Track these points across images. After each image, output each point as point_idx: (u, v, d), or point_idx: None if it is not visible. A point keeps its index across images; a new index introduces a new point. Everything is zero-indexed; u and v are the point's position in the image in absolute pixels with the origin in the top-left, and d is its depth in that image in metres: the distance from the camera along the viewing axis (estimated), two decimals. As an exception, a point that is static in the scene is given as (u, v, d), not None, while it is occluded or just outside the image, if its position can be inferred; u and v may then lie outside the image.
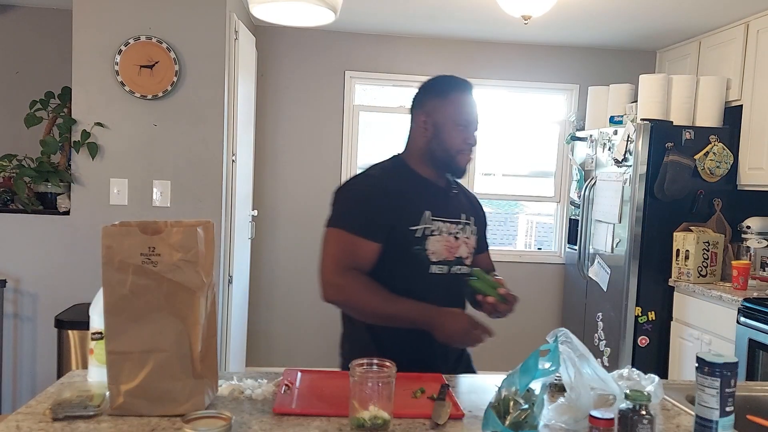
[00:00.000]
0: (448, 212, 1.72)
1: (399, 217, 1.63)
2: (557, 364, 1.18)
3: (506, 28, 4.04)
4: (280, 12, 2.10)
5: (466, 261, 1.74)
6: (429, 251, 1.65)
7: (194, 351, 1.23)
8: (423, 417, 1.28)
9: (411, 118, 1.77)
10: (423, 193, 1.71)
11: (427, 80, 1.77)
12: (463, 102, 1.71)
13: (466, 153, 1.71)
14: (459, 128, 1.69)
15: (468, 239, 1.76)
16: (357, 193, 1.68)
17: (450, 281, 1.71)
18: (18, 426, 1.17)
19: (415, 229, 1.64)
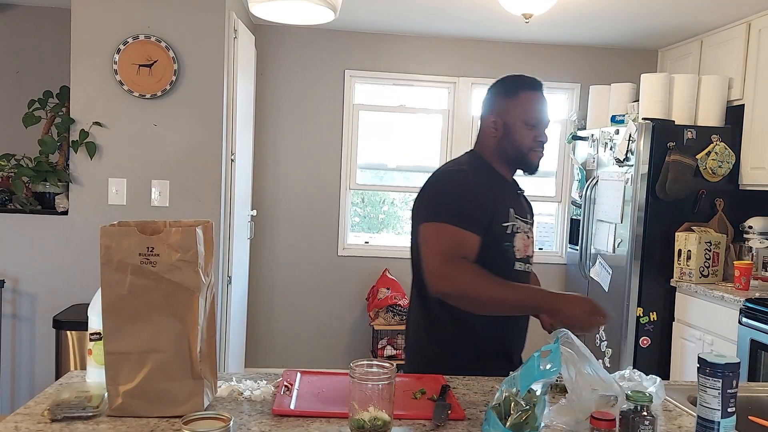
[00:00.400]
0: (522, 211, 1.77)
1: (494, 213, 1.67)
2: (558, 365, 1.17)
3: (507, 26, 4.03)
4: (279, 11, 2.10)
5: (532, 260, 1.79)
6: (515, 248, 1.70)
7: (193, 351, 1.23)
8: (423, 418, 1.27)
9: (481, 118, 1.79)
10: (505, 190, 1.77)
11: (495, 81, 1.80)
12: (532, 100, 1.72)
13: (538, 151, 1.74)
14: (529, 127, 1.71)
15: (535, 238, 1.82)
16: (456, 187, 1.69)
17: (525, 278, 1.75)
18: (16, 427, 1.16)
19: (507, 225, 1.68)
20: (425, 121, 4.52)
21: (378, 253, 4.46)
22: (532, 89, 1.74)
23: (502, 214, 1.68)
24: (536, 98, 1.73)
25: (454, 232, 1.59)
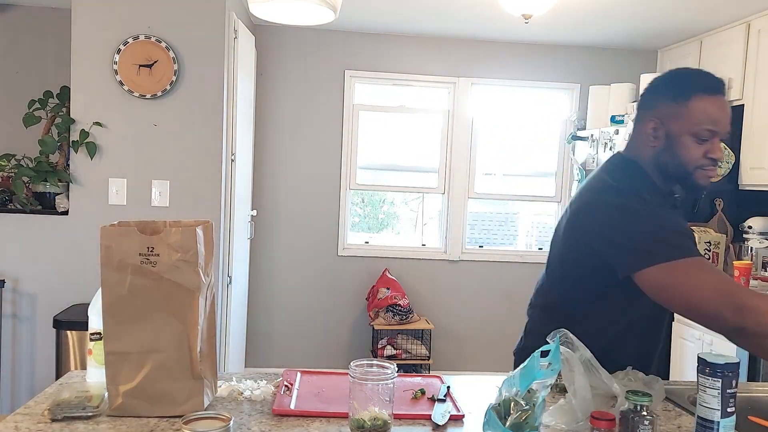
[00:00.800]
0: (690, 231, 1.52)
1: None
2: (558, 364, 1.18)
3: (507, 27, 4.03)
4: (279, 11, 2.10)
5: None
6: None
7: (193, 351, 1.23)
8: (423, 418, 1.27)
9: (637, 117, 1.50)
10: (677, 212, 1.51)
11: (661, 75, 1.46)
12: (708, 109, 1.38)
13: (708, 169, 1.42)
14: (700, 141, 1.39)
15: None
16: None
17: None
18: (16, 427, 1.16)
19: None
20: (425, 121, 4.52)
21: (378, 253, 4.46)
22: (709, 92, 1.39)
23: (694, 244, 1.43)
24: (714, 105, 1.38)
25: (697, 263, 1.31)
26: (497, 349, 4.53)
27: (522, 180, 4.64)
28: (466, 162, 4.50)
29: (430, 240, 4.61)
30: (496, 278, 4.55)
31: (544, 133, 4.61)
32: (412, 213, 4.77)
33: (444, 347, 4.48)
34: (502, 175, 4.62)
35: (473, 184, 4.53)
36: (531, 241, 4.74)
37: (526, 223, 4.74)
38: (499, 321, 4.55)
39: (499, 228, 4.73)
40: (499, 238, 4.71)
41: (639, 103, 1.50)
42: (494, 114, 4.56)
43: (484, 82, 4.48)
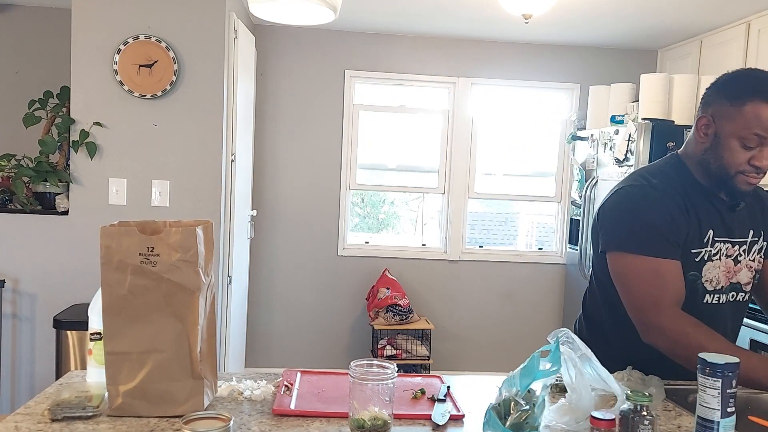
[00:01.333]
0: (731, 231, 1.47)
1: (687, 235, 1.42)
2: (558, 364, 1.18)
3: (507, 27, 4.03)
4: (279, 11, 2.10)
5: (745, 287, 1.50)
6: (704, 278, 1.44)
7: (193, 351, 1.23)
8: (423, 418, 1.27)
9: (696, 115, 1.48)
10: (707, 208, 1.46)
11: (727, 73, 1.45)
12: (760, 115, 1.35)
13: (750, 176, 1.40)
14: (746, 147, 1.38)
15: (752, 261, 1.50)
16: (644, 205, 1.44)
17: (723, 311, 1.48)
18: (17, 427, 1.16)
19: (696, 252, 1.43)
20: (425, 121, 4.52)
21: (378, 253, 4.46)
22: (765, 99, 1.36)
23: (696, 237, 1.42)
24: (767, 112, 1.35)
25: (652, 266, 1.36)
26: (497, 349, 4.53)
27: (522, 180, 4.64)
28: (466, 162, 4.50)
29: (430, 240, 4.61)
30: (496, 278, 4.55)
31: (544, 133, 4.61)
32: (412, 213, 4.78)
33: (444, 347, 4.48)
34: (502, 175, 4.62)
35: (473, 184, 4.53)
36: (531, 241, 4.74)
37: (526, 223, 4.75)
38: (499, 321, 4.55)
39: (499, 228, 4.73)
40: (499, 238, 4.71)
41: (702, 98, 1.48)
42: (494, 114, 4.56)
43: (484, 82, 4.48)
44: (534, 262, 4.59)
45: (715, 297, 1.46)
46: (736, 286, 1.49)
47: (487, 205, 4.65)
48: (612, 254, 1.45)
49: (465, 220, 4.54)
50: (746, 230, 1.49)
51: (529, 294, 4.58)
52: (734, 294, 1.49)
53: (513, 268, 4.57)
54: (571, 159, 4.42)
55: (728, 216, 1.47)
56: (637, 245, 1.39)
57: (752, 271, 1.50)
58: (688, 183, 1.47)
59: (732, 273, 1.47)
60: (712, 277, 1.45)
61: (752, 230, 1.50)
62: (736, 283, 1.48)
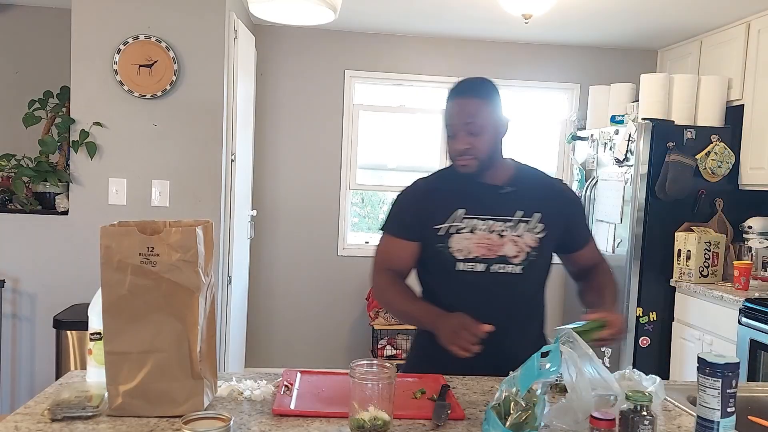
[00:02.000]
0: (492, 210, 1.68)
1: (427, 217, 1.68)
2: (558, 364, 1.18)
3: (507, 27, 4.03)
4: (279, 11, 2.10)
5: (512, 260, 1.67)
6: (452, 249, 1.65)
7: (193, 351, 1.23)
8: (423, 418, 1.27)
9: None
10: (463, 191, 1.69)
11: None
12: (451, 108, 1.65)
13: (459, 160, 1.65)
14: (450, 137, 1.66)
15: (519, 237, 1.67)
16: (398, 196, 1.77)
17: (488, 280, 1.66)
18: (16, 426, 1.16)
19: (438, 227, 1.66)
20: (425, 121, 4.52)
21: (378, 253, 4.45)
22: (454, 95, 1.66)
23: (439, 216, 1.67)
24: (454, 105, 1.65)
25: (386, 241, 1.72)
26: (497, 349, 4.53)
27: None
28: (466, 162, 4.48)
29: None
30: (496, 278, 4.55)
31: (544, 133, 4.61)
32: (412, 213, 4.77)
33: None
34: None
35: (473, 184, 4.52)
36: (531, 241, 4.74)
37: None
38: (499, 321, 4.54)
39: (499, 228, 4.72)
40: (499, 238, 4.71)
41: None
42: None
43: (484, 82, 4.48)
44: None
45: (469, 265, 1.66)
46: (503, 258, 1.67)
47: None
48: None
49: (465, 220, 4.53)
50: (512, 210, 1.69)
51: (529, 294, 4.57)
52: (502, 266, 1.67)
53: (513, 268, 4.56)
54: (571, 159, 4.42)
55: (492, 198, 1.69)
56: (384, 226, 1.75)
57: (519, 246, 1.68)
58: (451, 174, 1.71)
59: (497, 246, 1.66)
60: (462, 247, 1.65)
61: (522, 211, 1.69)
62: (503, 256, 1.67)
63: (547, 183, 1.83)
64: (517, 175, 1.76)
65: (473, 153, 1.64)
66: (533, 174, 1.82)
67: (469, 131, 1.62)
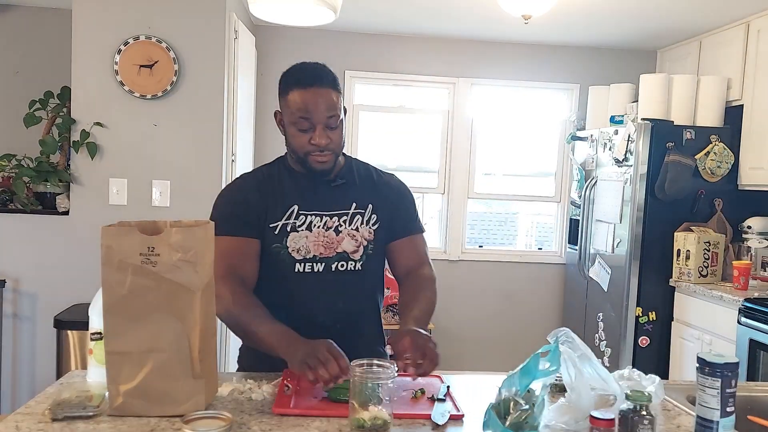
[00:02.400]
0: (326, 205, 1.59)
1: (263, 212, 1.55)
2: (558, 364, 1.18)
3: (506, 27, 4.03)
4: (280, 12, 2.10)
5: (353, 255, 1.59)
6: (290, 248, 1.55)
7: (193, 351, 1.23)
8: (423, 417, 1.28)
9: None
10: (293, 187, 1.59)
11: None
12: (301, 99, 1.51)
13: (316, 155, 1.53)
14: (301, 131, 1.53)
15: (356, 231, 1.60)
16: (223, 194, 1.65)
17: (329, 280, 1.57)
18: (17, 426, 1.16)
19: (274, 225, 1.55)
20: (425, 121, 4.52)
21: (378, 253, 4.46)
22: (301, 86, 1.52)
23: (273, 213, 1.55)
24: (305, 97, 1.51)
25: (222, 243, 1.42)
26: (497, 349, 4.54)
27: (522, 180, 4.65)
28: (466, 162, 4.50)
29: (430, 240, 4.58)
30: (496, 278, 4.56)
31: (544, 133, 4.62)
32: (412, 213, 4.77)
33: (444, 347, 4.44)
34: (502, 175, 4.62)
35: (473, 184, 4.53)
36: (531, 241, 4.74)
37: (525, 223, 4.75)
38: (499, 321, 4.55)
39: (499, 228, 4.73)
40: (499, 238, 4.72)
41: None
42: (494, 114, 4.57)
43: (484, 83, 4.49)
44: (534, 262, 4.59)
45: (307, 265, 1.56)
46: (343, 255, 1.58)
47: (486, 205, 4.65)
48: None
49: (465, 220, 4.54)
50: (347, 203, 1.61)
51: (528, 294, 4.58)
52: (343, 263, 1.58)
53: (513, 268, 4.57)
54: (571, 159, 4.42)
55: (324, 192, 1.59)
56: (216, 229, 1.42)
57: (357, 240, 1.60)
58: (280, 170, 1.63)
59: (335, 243, 1.58)
60: (299, 246, 1.55)
61: (354, 203, 1.61)
62: (342, 252, 1.58)
63: (377, 174, 1.73)
64: (347, 167, 1.67)
65: (332, 148, 1.54)
66: (363, 167, 1.73)
67: (329, 125, 1.53)
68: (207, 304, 1.27)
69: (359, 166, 1.72)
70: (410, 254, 1.72)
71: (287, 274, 1.56)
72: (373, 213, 1.63)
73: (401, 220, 1.70)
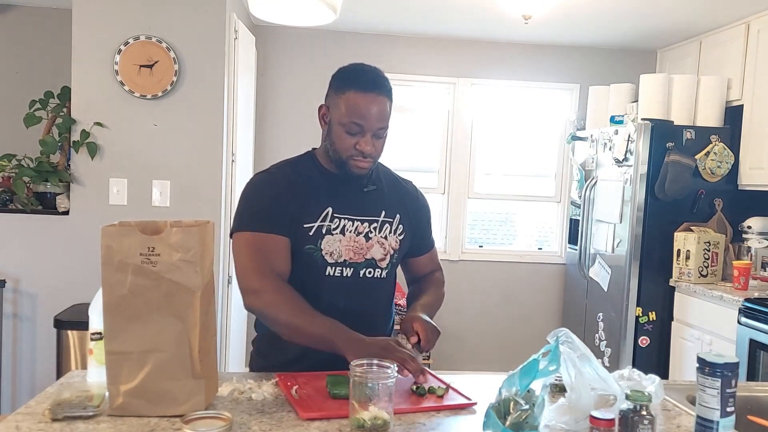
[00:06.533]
0: (358, 209, 1.58)
1: (296, 211, 1.53)
2: (558, 364, 1.18)
3: (507, 27, 4.03)
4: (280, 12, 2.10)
5: (380, 263, 1.59)
6: (324, 251, 1.53)
7: (194, 351, 1.23)
8: (423, 411, 1.28)
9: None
10: (327, 188, 1.57)
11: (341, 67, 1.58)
12: (358, 104, 1.48)
13: (358, 160, 1.51)
14: (350, 134, 1.50)
15: (384, 239, 1.60)
16: (253, 189, 1.60)
17: (356, 285, 1.57)
18: (17, 426, 1.16)
19: (309, 226, 1.52)
20: (425, 121, 4.52)
21: (378, 253, 4.46)
22: (361, 90, 1.48)
23: (308, 213, 1.53)
24: (364, 102, 1.47)
25: (257, 240, 1.47)
26: (497, 349, 4.54)
27: (522, 180, 4.64)
28: (466, 162, 4.50)
29: (430, 240, 4.60)
30: (496, 278, 4.56)
31: (544, 133, 4.62)
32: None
33: (444, 347, 4.47)
34: (502, 176, 4.62)
35: (473, 184, 4.53)
36: (531, 241, 4.74)
37: (525, 223, 4.75)
38: (499, 321, 4.55)
39: (499, 228, 4.73)
40: (499, 238, 4.71)
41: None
42: (494, 114, 4.57)
43: (484, 83, 4.49)
44: (534, 262, 4.59)
45: (338, 269, 1.54)
46: (371, 262, 1.58)
47: (487, 205, 4.65)
48: (233, 236, 1.55)
49: (465, 220, 4.54)
50: (377, 210, 1.60)
51: (529, 294, 4.58)
52: (370, 270, 1.58)
53: (513, 268, 4.57)
54: (571, 159, 4.42)
55: (357, 196, 1.58)
56: (244, 224, 1.50)
57: (385, 248, 1.60)
58: (308, 167, 1.60)
59: (365, 249, 1.57)
60: (333, 250, 1.54)
61: (384, 211, 1.61)
62: (371, 259, 1.57)
63: (403, 184, 1.74)
64: (375, 173, 1.65)
65: (374, 156, 1.54)
66: (388, 173, 1.72)
67: (378, 134, 1.52)
68: (207, 304, 1.27)
69: (385, 172, 1.71)
70: (427, 266, 1.77)
71: (318, 276, 1.54)
72: (400, 223, 1.63)
73: (422, 235, 1.73)
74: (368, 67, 1.55)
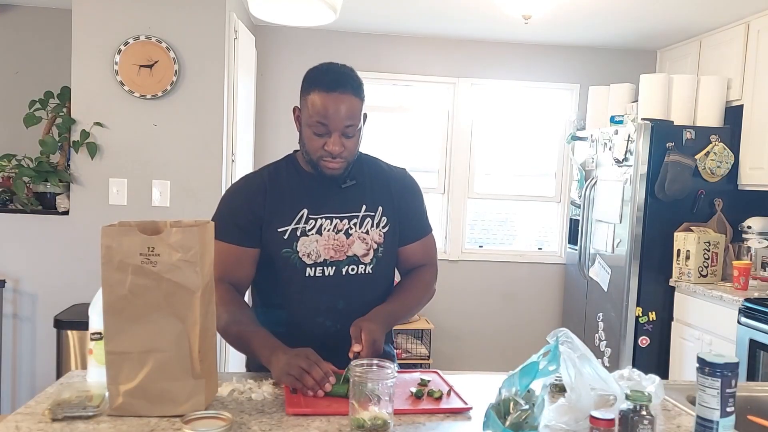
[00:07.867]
0: (336, 207, 1.56)
1: (268, 217, 1.53)
2: (558, 364, 1.18)
3: (507, 27, 4.03)
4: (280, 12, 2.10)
5: (363, 259, 1.57)
6: (300, 253, 1.52)
7: (193, 351, 1.23)
8: (423, 413, 1.28)
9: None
10: (304, 189, 1.56)
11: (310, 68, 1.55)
12: (321, 102, 1.45)
13: (327, 161, 1.49)
14: (317, 134, 1.48)
15: (367, 234, 1.58)
16: (225, 198, 1.61)
17: (340, 284, 1.55)
18: (17, 426, 1.16)
19: (284, 230, 1.52)
20: (425, 121, 4.52)
21: (378, 253, 4.46)
22: (324, 89, 1.45)
23: (281, 217, 1.53)
24: (327, 101, 1.45)
25: (219, 249, 1.41)
26: (497, 348, 4.54)
27: (522, 180, 4.64)
28: (466, 162, 4.50)
29: (430, 240, 4.60)
30: (496, 278, 4.56)
31: (544, 133, 4.62)
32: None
33: (444, 347, 4.49)
34: (502, 176, 4.62)
35: (473, 184, 4.53)
36: (531, 241, 4.74)
37: (525, 223, 4.75)
38: (499, 321, 4.55)
39: (499, 228, 4.73)
40: (499, 238, 4.71)
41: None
42: (494, 114, 4.57)
43: (484, 83, 4.49)
44: (534, 262, 4.59)
45: (318, 270, 1.54)
46: (354, 259, 1.56)
47: (486, 205, 4.65)
48: None
49: (465, 220, 4.54)
50: (358, 205, 1.58)
51: (529, 294, 4.58)
52: (353, 267, 1.56)
53: (513, 268, 4.57)
54: (571, 159, 4.42)
55: (334, 194, 1.56)
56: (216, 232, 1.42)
57: (367, 243, 1.57)
58: (289, 170, 1.59)
59: (346, 246, 1.55)
60: (310, 251, 1.53)
61: (365, 205, 1.58)
62: (353, 256, 1.56)
63: (387, 171, 1.67)
64: (356, 166, 1.59)
65: (345, 156, 1.50)
66: (373, 163, 1.67)
67: (346, 133, 1.48)
68: (207, 304, 1.27)
69: (369, 163, 1.65)
70: (420, 257, 1.70)
71: (299, 278, 1.53)
72: (383, 215, 1.60)
73: (412, 223, 1.67)
74: (335, 65, 1.52)
